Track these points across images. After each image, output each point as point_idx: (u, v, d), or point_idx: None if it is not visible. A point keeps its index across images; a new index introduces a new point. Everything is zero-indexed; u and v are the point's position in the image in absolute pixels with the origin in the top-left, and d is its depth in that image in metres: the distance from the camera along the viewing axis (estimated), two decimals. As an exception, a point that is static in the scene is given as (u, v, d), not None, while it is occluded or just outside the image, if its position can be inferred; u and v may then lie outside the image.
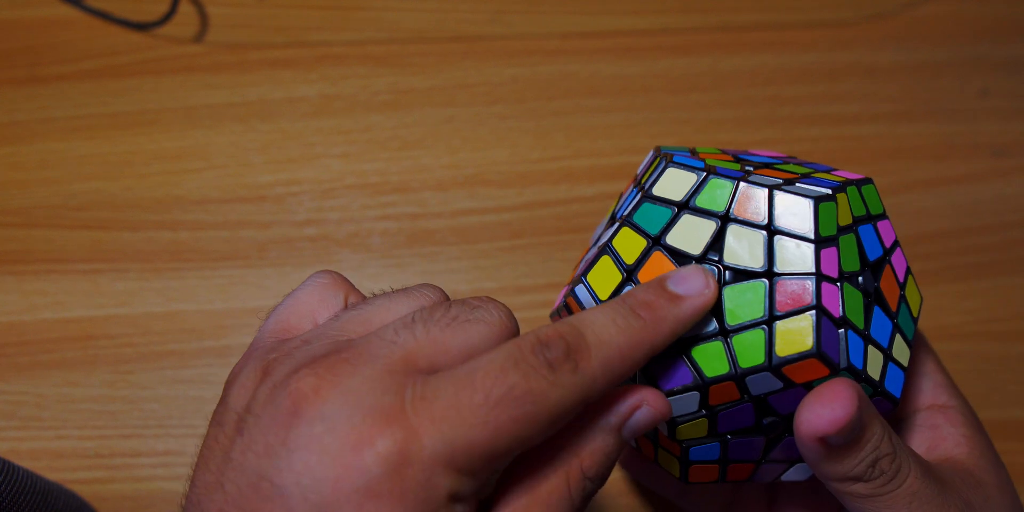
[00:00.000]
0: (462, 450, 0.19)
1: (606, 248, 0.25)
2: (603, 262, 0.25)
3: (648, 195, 0.24)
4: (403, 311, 0.22)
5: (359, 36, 0.43)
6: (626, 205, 0.26)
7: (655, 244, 0.24)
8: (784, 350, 0.22)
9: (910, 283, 0.26)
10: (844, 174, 0.26)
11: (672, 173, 0.24)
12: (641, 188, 0.25)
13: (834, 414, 0.21)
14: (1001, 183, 0.42)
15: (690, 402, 0.23)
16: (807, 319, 0.22)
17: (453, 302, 0.22)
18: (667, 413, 0.22)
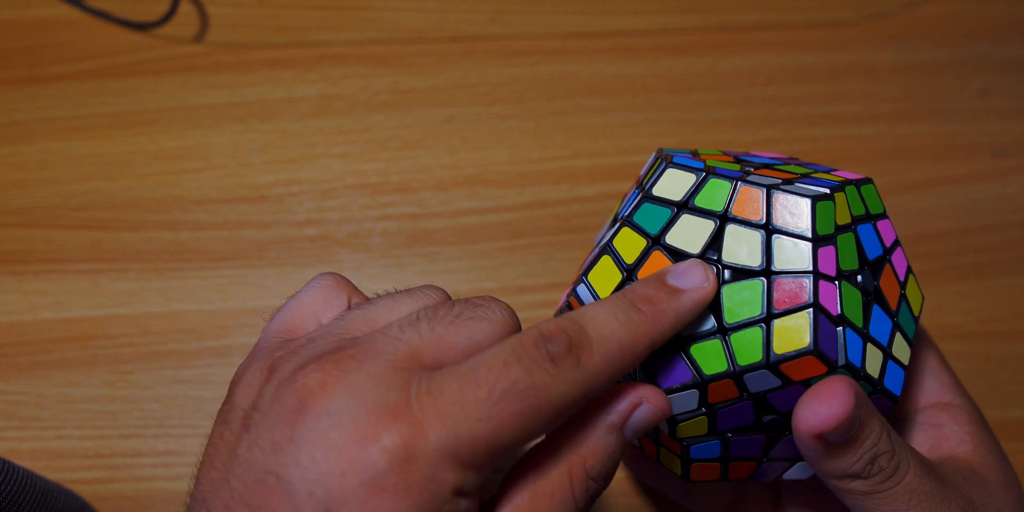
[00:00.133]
0: (467, 444, 0.19)
1: (606, 248, 0.25)
2: (603, 262, 0.25)
3: (648, 195, 0.25)
4: (407, 310, 0.23)
5: (359, 36, 0.43)
6: (628, 206, 0.26)
7: (655, 244, 0.24)
8: (782, 348, 0.22)
9: (911, 282, 0.26)
10: (844, 174, 0.26)
11: (672, 174, 0.25)
12: (642, 189, 0.25)
13: (831, 411, 0.21)
14: (1001, 183, 0.42)
15: (690, 400, 0.24)
16: (804, 317, 0.22)
17: (457, 301, 0.22)
18: (667, 411, 0.22)
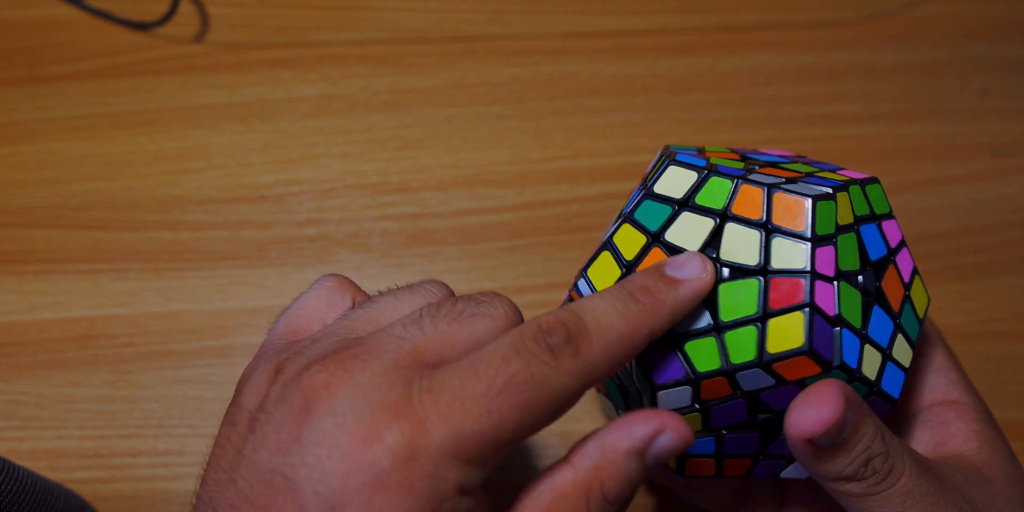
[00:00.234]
0: (468, 441, 0.19)
1: (607, 244, 0.25)
2: (603, 257, 0.25)
3: (649, 193, 0.25)
4: (409, 308, 0.23)
5: (359, 36, 0.43)
6: (631, 203, 0.26)
7: (654, 241, 0.24)
8: (775, 347, 0.22)
9: (916, 284, 0.26)
10: (850, 174, 0.26)
11: (673, 171, 0.25)
12: (645, 186, 0.26)
13: (820, 416, 0.21)
14: (1001, 183, 0.42)
15: (683, 396, 0.24)
16: (799, 316, 0.22)
17: (459, 298, 0.22)
18: (690, 440, 0.22)
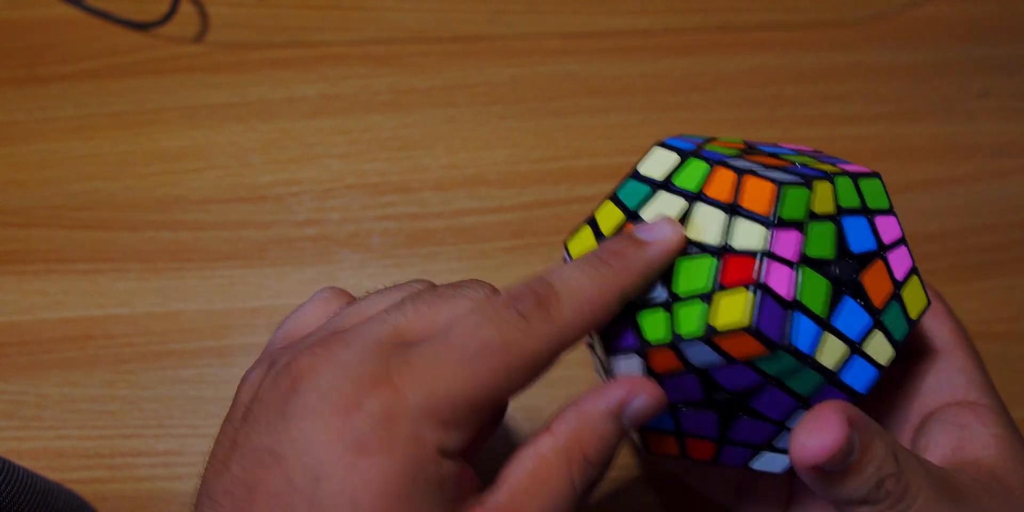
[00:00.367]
0: (445, 402, 0.20)
1: (589, 219, 0.26)
2: (583, 231, 0.26)
3: (633, 173, 0.26)
4: (394, 301, 0.24)
5: (359, 36, 0.43)
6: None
7: (631, 217, 0.25)
8: (719, 321, 0.22)
9: (913, 284, 0.26)
10: (850, 167, 0.26)
11: (658, 153, 0.26)
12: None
13: (822, 443, 0.21)
14: (1001, 183, 0.42)
15: (634, 366, 0.24)
16: (747, 294, 0.22)
17: (441, 285, 0.24)
18: (662, 401, 0.23)
